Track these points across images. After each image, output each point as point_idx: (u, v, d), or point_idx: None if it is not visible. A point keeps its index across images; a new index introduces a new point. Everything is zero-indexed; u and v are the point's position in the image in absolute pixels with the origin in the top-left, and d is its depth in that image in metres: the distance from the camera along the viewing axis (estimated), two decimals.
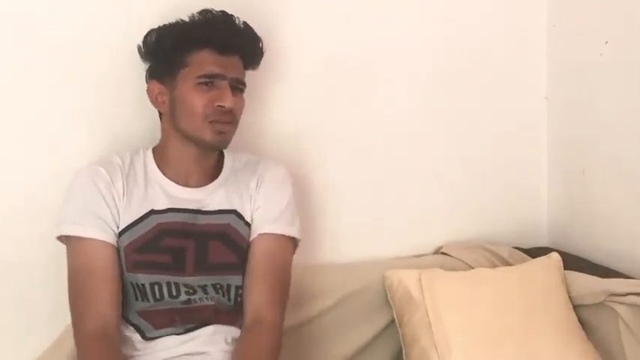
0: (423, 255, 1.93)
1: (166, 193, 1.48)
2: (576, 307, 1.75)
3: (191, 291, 1.45)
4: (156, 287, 1.43)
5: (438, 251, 1.94)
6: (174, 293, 1.44)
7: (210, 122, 1.44)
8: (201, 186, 1.51)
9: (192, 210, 1.48)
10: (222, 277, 1.48)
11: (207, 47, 1.45)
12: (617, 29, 1.77)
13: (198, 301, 1.46)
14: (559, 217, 2.03)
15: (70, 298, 1.41)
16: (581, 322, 1.74)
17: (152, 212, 1.46)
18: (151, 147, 1.55)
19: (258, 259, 1.49)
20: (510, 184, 2.04)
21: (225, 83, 1.46)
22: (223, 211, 1.50)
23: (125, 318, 1.45)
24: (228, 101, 1.44)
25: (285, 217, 1.53)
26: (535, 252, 1.91)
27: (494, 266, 1.86)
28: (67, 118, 1.63)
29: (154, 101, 1.50)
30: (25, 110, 1.60)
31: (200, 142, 1.47)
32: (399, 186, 1.92)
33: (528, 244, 1.99)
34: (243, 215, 1.52)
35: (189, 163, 1.50)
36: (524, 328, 1.67)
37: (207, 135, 1.45)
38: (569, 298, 1.76)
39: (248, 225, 1.52)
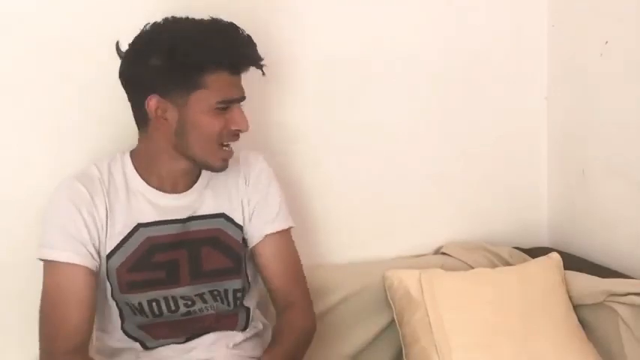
0: (423, 255, 1.93)
1: (152, 203, 1.43)
2: (576, 307, 1.75)
3: (189, 302, 1.43)
4: (154, 304, 1.41)
5: (438, 251, 1.94)
6: (172, 308, 1.42)
7: (223, 145, 1.40)
8: (186, 190, 1.46)
9: (181, 219, 1.44)
10: (219, 282, 1.46)
11: (224, 69, 1.37)
12: (617, 29, 1.77)
13: (198, 312, 1.44)
14: (559, 217, 2.03)
15: (40, 320, 1.37)
16: (581, 322, 1.74)
17: (139, 226, 1.41)
18: (128, 152, 1.47)
19: (272, 259, 1.51)
20: (510, 184, 2.04)
21: (237, 104, 1.41)
22: (212, 216, 1.47)
23: (124, 331, 1.43)
24: (244, 125, 1.40)
25: (281, 211, 1.53)
26: (535, 252, 1.91)
27: (494, 266, 1.86)
28: (66, 119, 1.62)
29: (153, 116, 1.38)
30: (22, 111, 1.60)
31: (204, 166, 1.43)
32: (399, 186, 1.92)
33: (528, 244, 1.99)
34: (233, 218, 1.49)
35: (178, 175, 1.45)
36: (524, 328, 1.67)
37: (216, 161, 1.41)
38: (569, 298, 1.76)
39: (239, 227, 1.50)
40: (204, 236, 1.46)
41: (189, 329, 1.44)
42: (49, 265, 1.36)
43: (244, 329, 1.50)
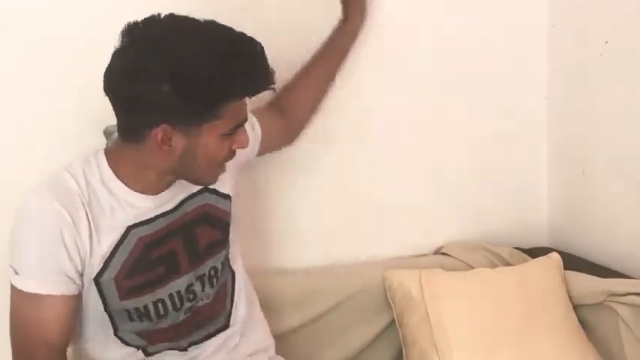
0: (423, 255, 1.93)
1: (136, 207, 1.34)
2: (576, 307, 1.75)
3: (191, 296, 1.40)
4: (159, 304, 1.36)
5: (438, 251, 1.94)
6: (178, 305, 1.38)
7: (220, 166, 1.35)
8: (168, 187, 1.37)
9: (169, 210, 1.38)
10: (214, 257, 1.42)
11: (243, 97, 1.29)
12: (617, 29, 1.77)
13: (198, 303, 1.41)
14: (559, 217, 2.03)
15: (14, 348, 1.29)
16: (581, 322, 1.74)
17: (128, 230, 1.32)
18: (102, 152, 1.35)
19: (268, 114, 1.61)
20: (510, 184, 2.04)
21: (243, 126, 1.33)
22: (194, 194, 1.41)
23: (118, 337, 1.37)
24: (247, 144, 1.34)
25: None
26: (535, 252, 1.91)
27: (494, 266, 1.86)
28: (66, 119, 1.62)
29: (156, 145, 1.25)
30: (22, 111, 1.60)
31: (197, 183, 1.38)
32: (399, 186, 1.92)
33: (528, 244, 1.99)
34: (217, 189, 1.44)
35: (163, 184, 1.37)
36: (524, 328, 1.68)
37: (212, 179, 1.37)
38: (569, 298, 1.76)
39: (226, 197, 1.45)
40: (195, 215, 1.41)
41: (190, 327, 1.42)
42: (24, 295, 1.27)
43: (231, 300, 1.48)
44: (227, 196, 1.46)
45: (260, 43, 1.25)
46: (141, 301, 1.35)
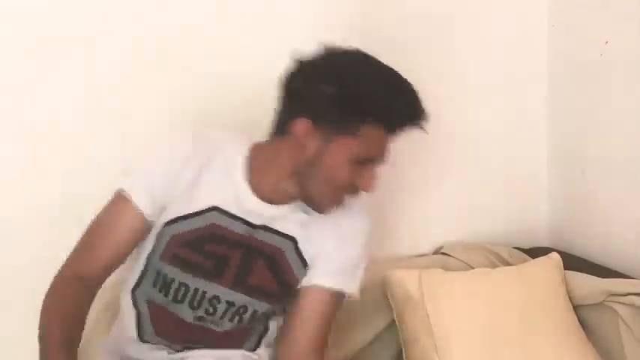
0: (423, 255, 1.93)
1: (236, 200, 1.36)
2: (576, 307, 1.75)
3: (210, 309, 1.37)
4: (183, 288, 1.35)
5: (438, 251, 1.94)
6: (195, 305, 1.37)
7: (339, 195, 1.35)
8: (276, 204, 1.38)
9: (252, 224, 1.37)
10: (255, 301, 1.38)
11: (385, 127, 1.32)
12: (617, 29, 1.77)
13: (210, 324, 1.38)
14: (559, 217, 2.03)
15: (76, 244, 1.35)
16: (581, 322, 1.74)
17: (214, 209, 1.36)
18: (252, 143, 1.41)
19: (312, 313, 1.42)
20: (510, 184, 2.04)
21: (375, 166, 1.34)
22: (282, 235, 1.39)
23: (133, 296, 1.39)
24: (371, 188, 1.35)
25: (349, 274, 1.45)
26: (535, 252, 1.91)
27: (494, 266, 1.86)
28: (66, 119, 1.63)
29: (295, 137, 1.31)
30: (22, 111, 1.60)
31: (309, 202, 1.36)
32: (398, 186, 1.92)
33: (528, 244, 1.99)
34: (301, 249, 1.40)
35: (277, 192, 1.37)
36: (524, 328, 1.67)
37: (325, 206, 1.35)
38: (569, 298, 1.76)
39: (303, 262, 1.40)
40: (263, 249, 1.38)
41: (194, 336, 1.39)
42: (122, 199, 1.35)
43: (253, 349, 1.44)
44: (305, 263, 1.41)
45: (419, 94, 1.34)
46: (172, 273, 1.36)
